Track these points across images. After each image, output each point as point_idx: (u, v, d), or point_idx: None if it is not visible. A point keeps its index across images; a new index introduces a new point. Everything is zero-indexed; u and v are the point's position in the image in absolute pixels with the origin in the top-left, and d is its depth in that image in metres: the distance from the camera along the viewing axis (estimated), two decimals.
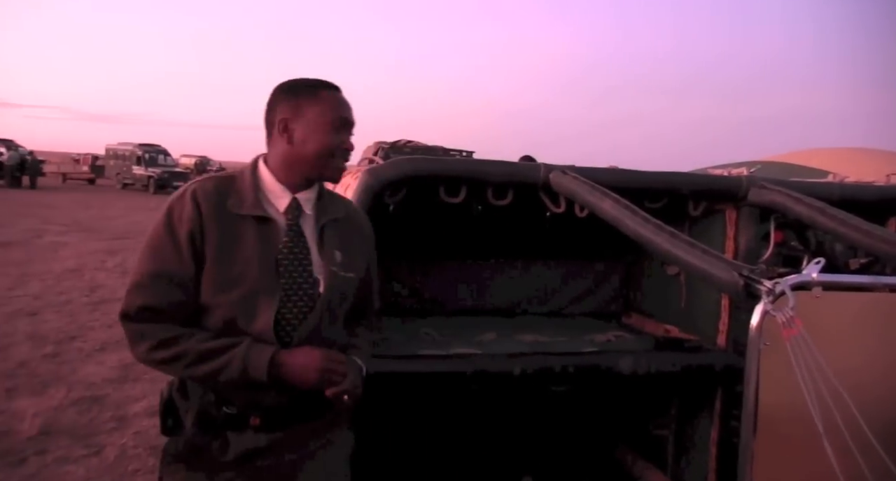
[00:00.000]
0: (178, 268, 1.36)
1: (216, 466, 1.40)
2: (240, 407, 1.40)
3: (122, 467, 3.34)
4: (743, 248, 2.54)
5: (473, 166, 2.36)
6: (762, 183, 2.44)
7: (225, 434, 1.40)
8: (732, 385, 2.45)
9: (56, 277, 8.11)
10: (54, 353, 5.11)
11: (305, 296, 1.41)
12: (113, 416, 3.96)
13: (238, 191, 1.43)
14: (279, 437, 1.43)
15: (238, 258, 1.38)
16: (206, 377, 1.35)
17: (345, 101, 1.48)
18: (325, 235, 1.47)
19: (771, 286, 1.45)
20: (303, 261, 1.43)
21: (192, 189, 1.41)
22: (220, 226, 1.38)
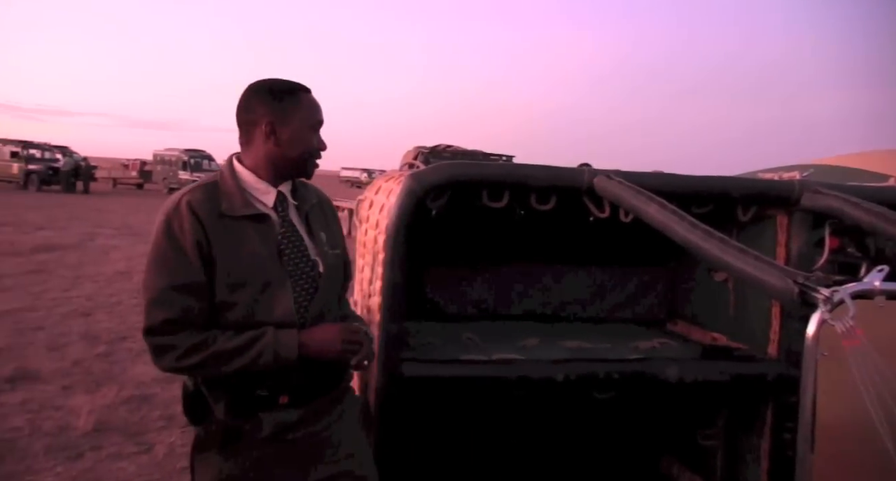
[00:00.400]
0: (189, 278, 1.45)
1: (250, 445, 1.50)
2: (270, 388, 1.51)
3: (170, 465, 3.43)
4: (795, 255, 2.46)
5: (516, 170, 2.34)
6: (816, 187, 2.36)
7: (257, 414, 1.51)
8: (785, 396, 2.37)
9: (107, 279, 8.38)
10: (106, 353, 5.28)
11: (309, 279, 1.55)
12: (161, 415, 4.07)
13: (227, 195, 1.51)
14: (307, 411, 1.56)
15: (244, 256, 1.48)
16: (240, 370, 1.46)
17: (318, 103, 1.60)
18: (311, 220, 1.61)
19: (829, 294, 1.40)
20: (300, 247, 1.56)
21: (185, 201, 1.48)
22: (221, 230, 1.47)
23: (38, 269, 8.70)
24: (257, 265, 1.48)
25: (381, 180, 2.96)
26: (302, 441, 1.56)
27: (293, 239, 1.55)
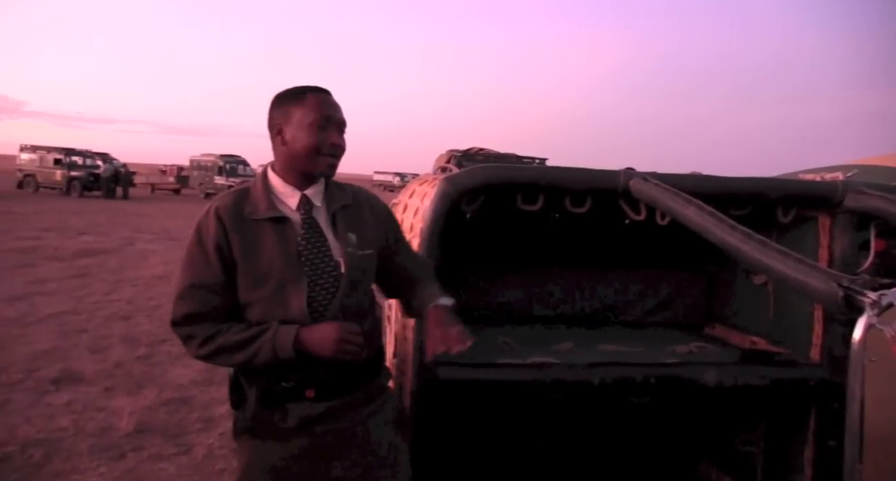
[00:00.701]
0: (210, 278, 1.56)
1: (279, 434, 1.58)
2: (296, 381, 1.57)
3: (209, 466, 3.49)
4: (838, 257, 2.41)
5: (551, 173, 2.34)
6: (861, 187, 2.30)
7: (285, 405, 1.58)
8: (829, 402, 2.32)
9: (146, 283, 8.57)
10: (146, 355, 5.40)
11: (330, 278, 1.59)
12: (200, 417, 4.14)
13: (252, 200, 1.61)
14: (334, 405, 1.61)
15: (262, 258, 1.56)
16: (246, 363, 1.54)
17: (330, 101, 1.62)
18: (338, 221, 1.64)
19: (876, 297, 1.36)
20: (321, 248, 1.60)
21: (214, 207, 1.60)
22: (242, 233, 1.57)
23: (80, 273, 8.94)
24: (274, 265, 1.55)
25: (415, 184, 2.97)
26: (329, 434, 1.60)
27: (314, 240, 1.60)
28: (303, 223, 1.60)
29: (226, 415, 4.17)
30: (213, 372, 5.03)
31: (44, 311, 6.70)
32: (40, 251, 10.64)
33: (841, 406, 1.65)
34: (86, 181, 25.57)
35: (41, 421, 3.94)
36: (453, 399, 2.31)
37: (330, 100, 1.62)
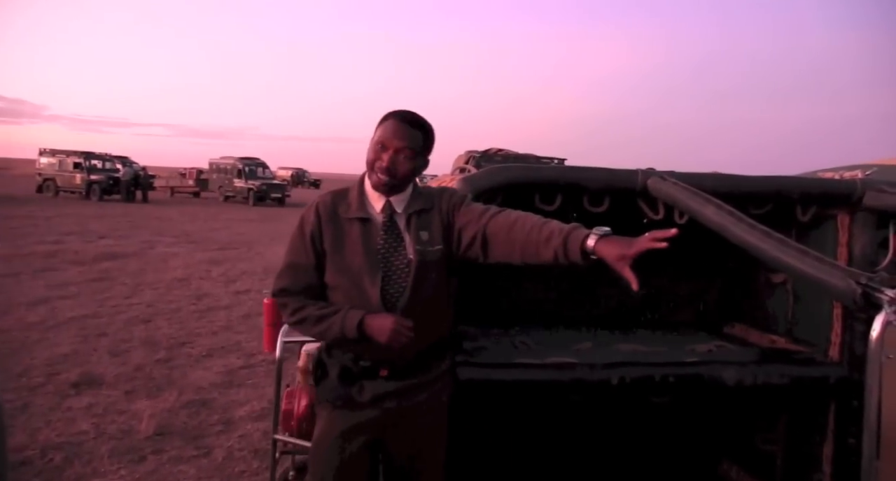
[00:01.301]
0: (304, 261, 1.86)
1: (356, 406, 1.85)
2: (372, 361, 1.84)
3: (229, 468, 3.53)
4: (858, 255, 2.39)
5: (569, 173, 2.34)
6: (880, 186, 2.28)
7: (361, 382, 1.85)
8: (848, 400, 2.30)
9: (166, 286, 8.68)
10: (166, 358, 5.47)
11: (403, 274, 1.82)
12: (220, 419, 4.19)
13: (348, 200, 1.90)
14: (403, 385, 1.86)
15: (347, 251, 1.83)
16: (320, 335, 1.84)
17: (399, 129, 1.80)
18: (412, 224, 1.86)
19: (894, 295, 1.36)
20: (397, 248, 1.83)
21: (316, 202, 1.91)
22: (333, 228, 1.85)
23: (100, 277, 9.07)
24: (356, 258, 1.82)
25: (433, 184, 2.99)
26: (395, 410, 1.86)
27: (392, 241, 1.83)
28: (383, 225, 1.85)
29: (245, 417, 4.22)
30: (233, 374, 5.10)
31: (65, 315, 6.80)
32: (61, 255, 10.81)
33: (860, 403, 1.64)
34: (105, 185, 25.88)
35: (62, 424, 4.01)
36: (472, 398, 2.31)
37: (400, 128, 1.81)
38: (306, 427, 2.66)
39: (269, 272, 10.16)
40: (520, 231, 1.75)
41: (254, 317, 6.85)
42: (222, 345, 5.94)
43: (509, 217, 1.80)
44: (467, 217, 1.86)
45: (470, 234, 1.84)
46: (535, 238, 1.72)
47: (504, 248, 1.79)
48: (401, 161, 1.80)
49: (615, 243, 1.61)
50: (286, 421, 2.66)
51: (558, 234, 1.68)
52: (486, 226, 1.80)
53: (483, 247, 1.82)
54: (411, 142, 1.81)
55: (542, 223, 1.74)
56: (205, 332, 6.39)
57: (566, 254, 1.67)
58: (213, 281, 9.30)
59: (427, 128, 1.85)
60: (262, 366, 5.26)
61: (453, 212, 1.88)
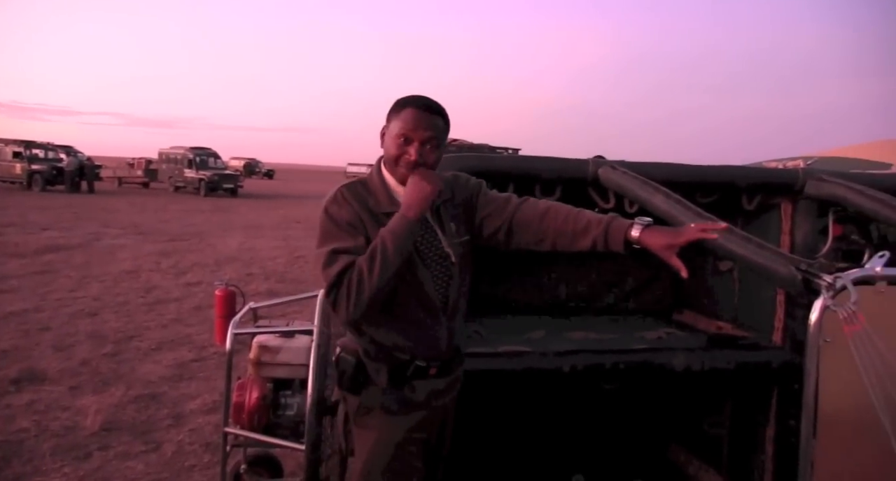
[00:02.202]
0: (352, 244, 1.65)
1: (409, 407, 1.78)
2: (426, 360, 1.76)
3: (179, 463, 3.45)
4: (800, 243, 2.47)
5: (521, 163, 2.35)
6: (820, 175, 2.36)
7: (412, 382, 1.77)
8: (790, 383, 2.38)
9: (114, 279, 8.42)
10: (114, 352, 5.31)
11: (442, 267, 1.76)
12: (170, 414, 4.09)
13: (373, 193, 1.75)
14: (448, 380, 1.84)
15: None
16: (382, 270, 1.58)
17: (422, 117, 1.68)
18: (441, 216, 1.77)
19: (831, 280, 1.40)
20: (433, 242, 1.75)
21: (339, 193, 1.73)
22: (370, 222, 1.70)
23: (43, 270, 8.74)
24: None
25: None
26: (440, 407, 1.85)
27: (427, 235, 1.74)
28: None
29: (196, 411, 4.13)
30: (183, 367, 4.98)
31: (3, 310, 6.54)
32: (0, 248, 10.37)
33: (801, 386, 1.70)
34: (48, 175, 24.91)
35: (0, 422, 3.85)
36: None
37: (423, 116, 1.68)
38: (258, 419, 2.63)
39: (221, 263, 9.97)
40: (552, 220, 1.74)
41: (205, 309, 6.71)
42: (172, 338, 5.80)
43: (538, 206, 1.78)
44: (490, 205, 1.81)
45: (495, 224, 1.80)
46: (570, 227, 1.72)
47: (533, 237, 1.77)
48: (428, 152, 1.69)
49: (662, 233, 1.65)
50: (237, 413, 2.62)
51: (597, 224, 1.69)
52: (514, 215, 1.77)
53: (508, 236, 1.80)
54: (436, 131, 1.70)
55: (576, 212, 1.74)
56: (154, 325, 6.23)
57: (606, 244, 1.69)
58: (163, 273, 9.06)
59: (445, 114, 1.75)
60: (214, 359, 5.15)
61: (474, 199, 1.83)
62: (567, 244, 1.75)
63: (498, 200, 1.82)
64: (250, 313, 3.01)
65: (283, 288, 8.18)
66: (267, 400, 2.65)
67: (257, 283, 8.45)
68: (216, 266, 9.73)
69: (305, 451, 2.43)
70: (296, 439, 2.57)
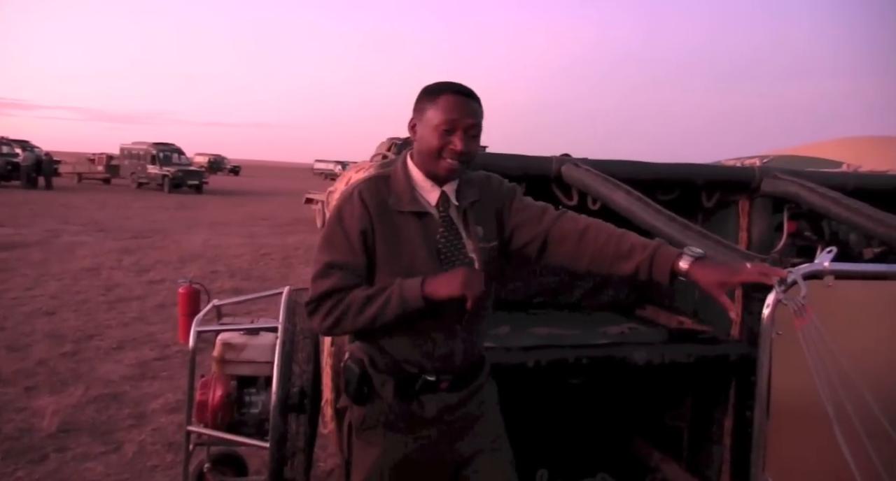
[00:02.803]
0: (351, 260, 1.57)
1: (416, 424, 1.65)
2: (436, 374, 1.63)
3: (140, 463, 3.39)
4: (756, 239, 2.53)
5: (485, 159, 2.36)
6: (775, 173, 2.42)
7: (420, 398, 1.63)
8: (747, 375, 2.44)
9: (73, 277, 8.22)
10: (73, 352, 5.19)
11: None
12: (131, 413, 4.02)
13: (395, 190, 1.61)
14: (462, 395, 1.68)
15: (405, 250, 1.58)
16: (374, 318, 1.53)
17: (462, 104, 1.56)
18: (468, 218, 1.64)
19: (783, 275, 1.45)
20: (457, 245, 1.62)
21: (357, 191, 1.61)
22: (386, 223, 1.58)
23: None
24: (416, 260, 1.58)
25: (351, 171, 2.95)
26: (457, 421, 1.68)
27: (451, 237, 1.61)
28: (441, 220, 1.61)
29: (159, 410, 4.06)
30: (146, 367, 4.90)
31: None
32: None
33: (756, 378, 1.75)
34: (2, 170, 24.19)
35: None
36: None
37: (463, 103, 1.56)
38: (221, 417, 2.60)
39: (185, 261, 9.81)
40: (593, 240, 1.60)
41: (169, 307, 6.60)
42: (134, 337, 5.69)
43: (577, 221, 1.64)
44: (523, 215, 1.67)
45: (527, 235, 1.66)
46: (612, 249, 1.58)
47: (569, 255, 1.64)
48: (469, 140, 1.56)
49: (714, 269, 1.49)
50: (200, 412, 2.59)
51: (642, 249, 1.55)
52: (550, 230, 1.63)
53: (541, 251, 1.66)
54: (478, 118, 1.58)
55: (619, 234, 1.60)
56: (115, 324, 6.10)
57: (650, 271, 1.55)
58: (125, 270, 8.87)
59: (480, 100, 1.62)
60: (178, 357, 5.07)
61: (507, 205, 1.69)
62: (606, 266, 1.60)
63: (533, 209, 1.68)
64: (214, 311, 2.97)
65: (248, 285, 8.09)
66: (231, 398, 2.63)
67: (222, 281, 8.34)
68: (180, 263, 9.57)
69: (270, 449, 2.42)
70: (260, 437, 2.56)
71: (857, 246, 2.73)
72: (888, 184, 2.59)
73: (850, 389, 1.32)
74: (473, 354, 1.69)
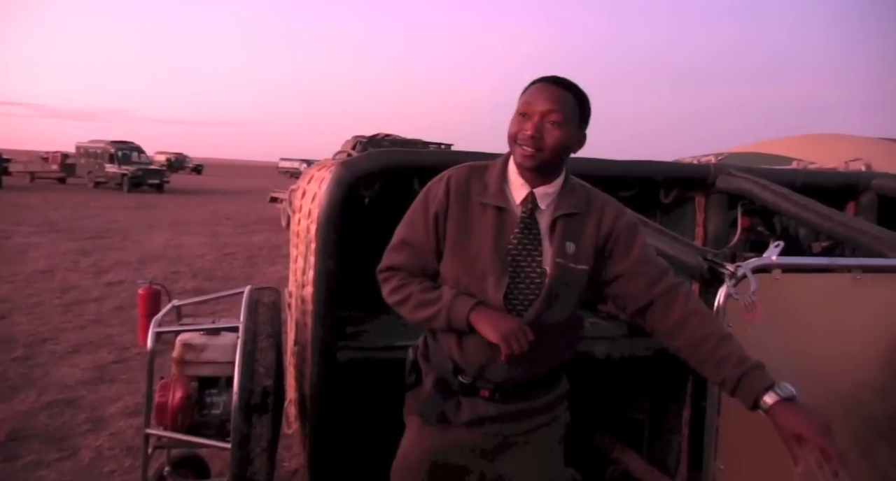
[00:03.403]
0: (421, 240, 1.57)
1: (448, 424, 1.59)
2: (472, 377, 1.56)
3: (97, 469, 3.31)
4: (712, 234, 2.60)
5: (447, 158, 2.37)
6: (729, 170, 2.49)
7: (459, 398, 1.58)
8: None
9: (26, 279, 7.96)
10: (25, 357, 5.02)
11: (532, 285, 1.51)
12: (87, 418, 3.91)
13: (485, 181, 1.56)
14: (505, 409, 1.57)
15: (474, 241, 1.53)
16: (425, 322, 1.56)
17: (543, 90, 1.49)
18: (556, 228, 1.53)
19: (733, 269, 1.49)
20: (532, 252, 1.52)
21: (448, 175, 1.58)
22: (462, 210, 1.54)
23: None
24: (482, 253, 1.52)
25: (313, 169, 2.94)
26: (495, 436, 1.59)
27: (526, 242, 1.52)
28: (521, 221, 1.52)
29: (117, 414, 3.97)
30: (103, 370, 4.78)
31: None
32: None
33: None
34: None
35: None
36: (354, 381, 2.31)
37: (544, 88, 1.49)
38: (182, 419, 2.56)
39: (145, 261, 9.60)
40: (694, 330, 1.48)
41: (128, 309, 6.45)
42: (91, 340, 5.55)
43: (688, 303, 1.50)
44: (639, 268, 1.53)
45: (632, 291, 1.54)
46: (707, 350, 1.46)
47: (662, 333, 1.54)
48: (548, 128, 1.46)
49: (798, 418, 1.35)
50: (160, 414, 2.55)
51: (734, 365, 1.42)
52: (657, 300, 1.52)
53: (636, 312, 1.56)
54: (559, 105, 1.46)
55: (720, 337, 1.46)
56: (71, 327, 5.94)
57: (733, 391, 1.43)
58: (82, 272, 8.64)
59: (579, 93, 1.51)
60: (137, 360, 4.96)
61: (618, 240, 1.55)
62: (693, 361, 1.51)
63: (653, 268, 1.53)
64: (174, 311, 2.92)
65: (211, 286, 7.95)
66: (192, 400, 2.59)
67: (184, 281, 8.19)
68: (140, 264, 9.36)
69: (231, 450, 2.39)
70: (222, 438, 2.53)
71: (806, 240, 2.82)
72: (835, 180, 2.69)
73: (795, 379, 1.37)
74: (527, 375, 1.56)
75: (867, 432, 1.71)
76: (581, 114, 1.51)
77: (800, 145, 6.76)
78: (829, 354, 1.65)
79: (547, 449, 1.65)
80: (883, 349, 1.73)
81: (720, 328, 1.49)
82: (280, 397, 2.70)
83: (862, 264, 1.73)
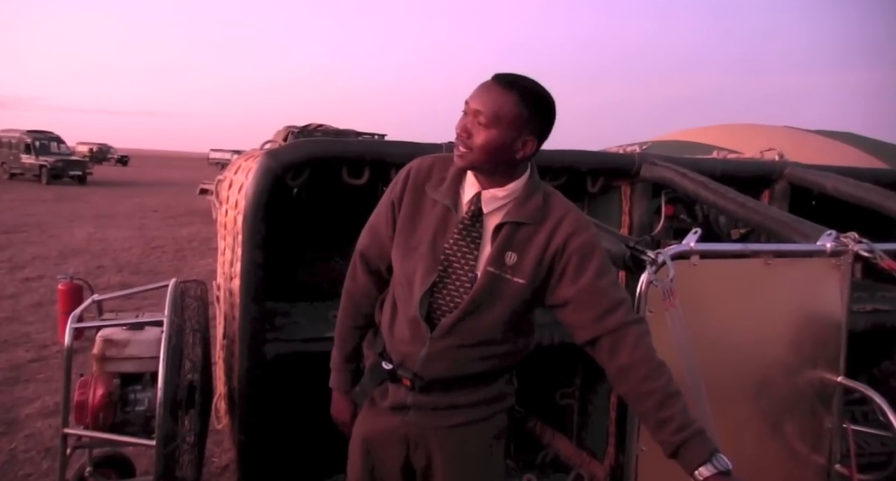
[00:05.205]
0: (382, 226, 1.58)
1: (379, 409, 1.62)
2: (395, 365, 1.55)
3: (11, 472, 3.15)
4: (637, 222, 2.67)
5: (376, 147, 2.36)
6: (653, 160, 2.57)
7: (386, 385, 1.59)
8: None
9: None
10: None
11: (462, 288, 1.46)
12: (1, 420, 3.71)
13: (442, 175, 1.51)
14: (424, 401, 1.54)
15: (417, 234, 1.50)
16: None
17: (481, 90, 1.41)
18: (499, 235, 1.45)
19: (654, 256, 1.54)
20: (467, 255, 1.46)
21: (411, 165, 1.57)
22: (415, 202, 1.52)
23: None
24: (420, 247, 1.49)
25: (240, 159, 2.86)
26: (414, 425, 1.57)
27: (462, 244, 1.46)
28: (460, 222, 1.46)
29: (35, 415, 3.78)
30: (19, 370, 4.54)
31: None
32: None
33: None
34: None
35: None
36: (283, 374, 2.27)
37: (483, 88, 1.41)
38: (103, 417, 2.46)
39: (66, 256, 9.14)
40: (641, 380, 1.41)
41: (47, 306, 6.13)
42: (6, 338, 5.25)
43: (635, 351, 1.41)
44: (590, 298, 1.43)
45: (574, 320, 1.47)
46: (648, 407, 1.40)
47: (608, 372, 1.48)
48: (477, 128, 1.38)
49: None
50: (80, 413, 2.44)
51: (676, 430, 1.36)
52: (601, 337, 1.44)
53: (585, 343, 1.49)
54: (490, 106, 1.37)
55: (664, 395, 1.39)
56: None
57: (672, 455, 1.38)
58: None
59: (527, 96, 1.39)
60: (57, 358, 4.73)
61: (569, 261, 1.44)
62: (634, 409, 1.49)
63: (605, 300, 1.43)
64: (95, 307, 2.80)
65: (137, 280, 7.65)
66: (113, 397, 2.49)
67: (109, 276, 7.85)
68: (60, 259, 8.91)
69: (156, 447, 2.32)
70: (147, 436, 2.44)
71: (725, 227, 2.94)
72: (751, 169, 2.81)
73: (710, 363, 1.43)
74: (450, 371, 1.51)
75: (776, 408, 1.81)
76: (529, 117, 1.39)
77: (718, 134, 7.05)
78: (743, 336, 1.73)
79: (474, 449, 1.59)
80: (791, 330, 1.83)
81: (666, 383, 1.40)
82: (208, 392, 2.63)
83: (773, 250, 1.82)
